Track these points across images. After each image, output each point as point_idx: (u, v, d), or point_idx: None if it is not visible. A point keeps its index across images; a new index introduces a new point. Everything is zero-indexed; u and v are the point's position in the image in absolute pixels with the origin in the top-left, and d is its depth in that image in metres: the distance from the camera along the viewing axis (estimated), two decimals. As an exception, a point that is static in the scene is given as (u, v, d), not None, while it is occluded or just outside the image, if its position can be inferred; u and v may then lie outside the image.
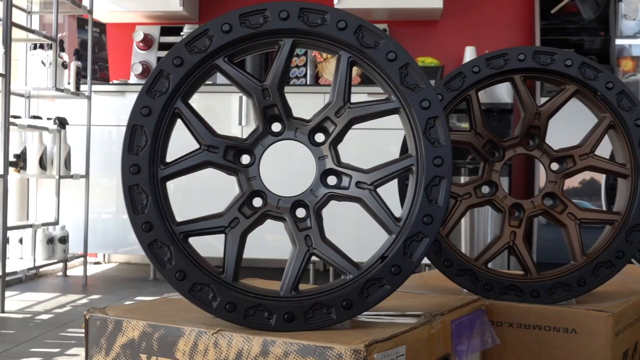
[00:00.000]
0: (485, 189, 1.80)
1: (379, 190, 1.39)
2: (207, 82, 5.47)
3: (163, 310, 1.47)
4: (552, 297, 1.69)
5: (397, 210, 1.40)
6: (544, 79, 1.77)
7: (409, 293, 1.76)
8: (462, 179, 5.43)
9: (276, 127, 1.41)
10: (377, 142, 4.68)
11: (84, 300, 3.97)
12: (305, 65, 6.05)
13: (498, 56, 1.76)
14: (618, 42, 5.62)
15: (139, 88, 1.57)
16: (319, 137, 1.41)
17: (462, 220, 5.49)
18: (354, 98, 1.37)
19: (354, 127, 1.39)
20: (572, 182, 5.29)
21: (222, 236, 1.38)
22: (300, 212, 1.40)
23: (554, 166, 1.78)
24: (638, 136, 1.71)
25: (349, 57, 1.38)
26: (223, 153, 1.37)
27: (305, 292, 1.35)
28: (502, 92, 5.39)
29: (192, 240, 1.36)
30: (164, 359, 1.32)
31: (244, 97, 4.48)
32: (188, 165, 1.37)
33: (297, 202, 1.40)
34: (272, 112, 1.39)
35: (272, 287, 1.39)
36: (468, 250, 5.40)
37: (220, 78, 4.65)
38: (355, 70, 4.42)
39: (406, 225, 1.35)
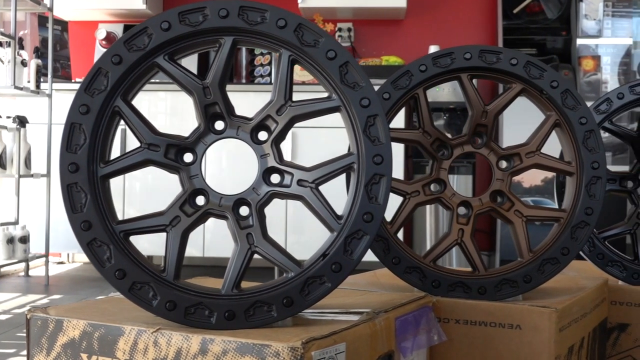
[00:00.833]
0: (434, 187, 1.81)
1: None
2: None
3: (106, 309, 1.46)
4: (498, 293, 1.70)
5: (340, 208, 1.40)
6: (491, 77, 1.79)
7: (358, 291, 1.76)
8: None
9: (219, 125, 1.41)
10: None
11: (45, 300, 3.94)
12: (269, 63, 6.05)
13: (444, 55, 1.77)
14: (579, 41, 5.66)
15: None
16: (261, 135, 1.41)
17: (427, 218, 5.57)
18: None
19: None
20: (534, 180, 5.33)
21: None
22: (244, 210, 1.40)
23: (502, 164, 1.80)
24: (582, 134, 1.73)
25: (289, 55, 1.38)
26: (164, 151, 1.37)
27: (246, 290, 1.35)
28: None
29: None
30: (104, 358, 1.32)
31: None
32: (128, 164, 1.36)
33: (239, 200, 1.39)
34: (214, 110, 1.39)
35: (217, 286, 1.39)
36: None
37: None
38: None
39: (347, 223, 1.35)
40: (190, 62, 5.54)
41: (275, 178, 1.40)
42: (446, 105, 5.47)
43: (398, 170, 5.12)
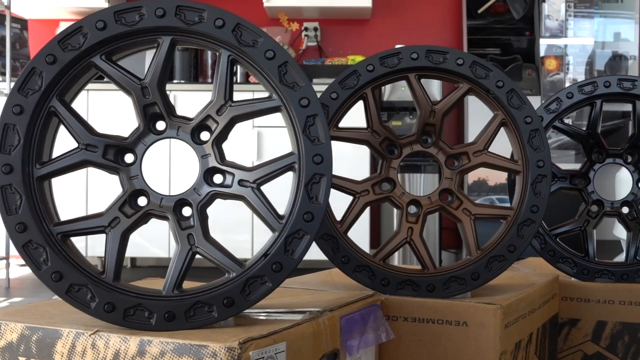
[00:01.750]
0: (384, 186, 1.81)
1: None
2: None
3: (47, 312, 1.45)
4: (447, 291, 1.71)
5: (282, 208, 1.40)
6: (438, 77, 1.79)
7: (308, 290, 1.76)
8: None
9: (160, 125, 1.40)
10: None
11: (5, 304, 3.91)
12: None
13: (392, 55, 1.77)
14: (542, 41, 5.70)
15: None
16: (202, 136, 1.40)
17: (395, 219, 5.58)
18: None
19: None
20: (499, 178, 5.36)
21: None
22: (187, 211, 1.39)
23: (450, 163, 1.80)
24: (527, 133, 1.74)
25: (229, 55, 1.38)
26: (102, 152, 1.36)
27: (187, 291, 1.35)
28: (434, 90, 5.43)
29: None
30: (43, 361, 1.31)
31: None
32: (65, 165, 1.35)
33: (181, 201, 1.39)
34: (153, 111, 1.38)
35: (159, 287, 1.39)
36: (400, 251, 5.44)
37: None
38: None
39: (288, 222, 1.35)
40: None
41: (216, 178, 1.40)
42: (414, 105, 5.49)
43: (364, 171, 5.14)
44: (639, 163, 2.17)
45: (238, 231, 5.10)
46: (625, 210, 2.16)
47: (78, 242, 4.42)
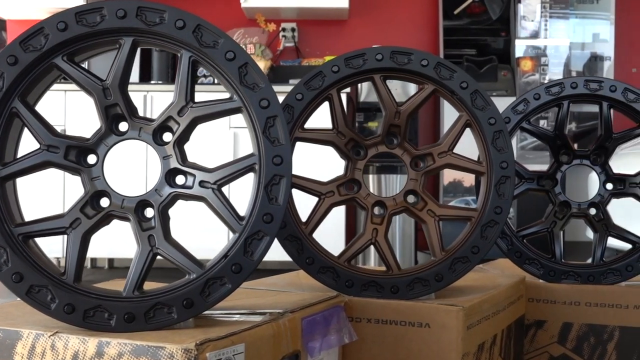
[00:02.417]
0: (350, 187, 1.82)
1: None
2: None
3: (10, 313, 1.45)
4: (410, 292, 1.72)
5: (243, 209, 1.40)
6: (403, 78, 1.80)
7: (272, 291, 1.77)
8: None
9: (122, 126, 1.41)
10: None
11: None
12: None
13: (357, 56, 1.78)
14: (518, 42, 5.73)
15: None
16: (163, 137, 1.41)
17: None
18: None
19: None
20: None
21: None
22: (149, 212, 1.40)
23: (415, 164, 1.81)
24: (491, 134, 1.75)
25: (190, 56, 1.38)
26: (64, 153, 1.36)
27: (147, 292, 1.35)
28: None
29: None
30: (3, 363, 1.31)
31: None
32: (27, 166, 1.35)
33: (142, 202, 1.39)
34: (115, 112, 1.39)
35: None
36: (375, 254, 5.45)
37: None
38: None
39: (248, 224, 1.36)
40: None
41: (177, 179, 1.40)
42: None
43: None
44: (605, 164, 2.19)
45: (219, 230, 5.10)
46: (592, 211, 2.18)
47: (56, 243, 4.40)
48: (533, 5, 5.67)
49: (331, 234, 4.88)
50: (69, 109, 4.92)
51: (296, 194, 1.74)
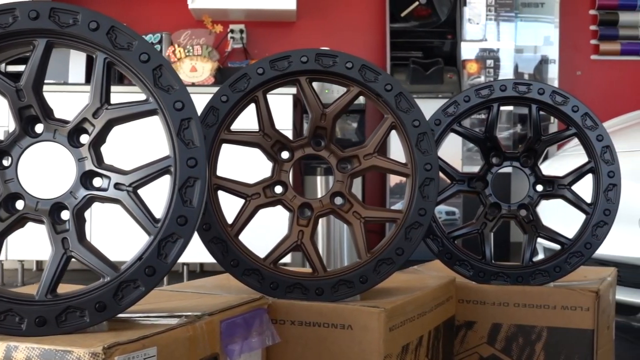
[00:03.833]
0: (276, 189, 1.82)
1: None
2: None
3: None
4: (335, 294, 1.72)
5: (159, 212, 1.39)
6: (329, 80, 1.80)
7: (196, 294, 1.76)
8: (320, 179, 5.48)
9: (38, 128, 1.39)
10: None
11: None
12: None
13: (282, 58, 1.78)
14: (464, 45, 5.78)
15: None
16: (79, 139, 1.39)
17: (319, 227, 5.59)
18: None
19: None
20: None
21: None
22: (65, 215, 1.38)
23: (341, 166, 1.81)
24: (415, 137, 1.76)
25: (104, 58, 1.37)
26: (-25, 155, 1.34)
27: (60, 295, 1.34)
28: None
29: None
30: None
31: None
32: (-64, 169, 1.33)
33: (57, 205, 1.38)
34: (29, 113, 1.37)
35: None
36: (324, 256, 5.46)
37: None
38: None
39: (162, 226, 1.35)
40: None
41: (92, 182, 1.39)
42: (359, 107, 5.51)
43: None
44: (535, 166, 2.21)
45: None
46: (522, 213, 2.20)
47: None
48: (478, 9, 5.73)
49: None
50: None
51: (224, 196, 1.75)
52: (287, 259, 5.00)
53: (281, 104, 5.23)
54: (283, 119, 5.21)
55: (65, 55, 5.97)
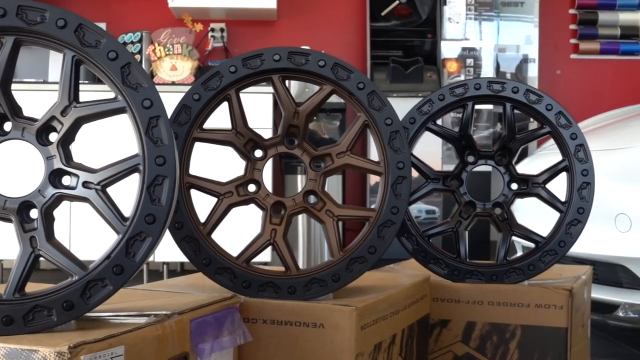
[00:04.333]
0: (249, 188, 1.81)
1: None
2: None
3: None
4: (308, 293, 1.72)
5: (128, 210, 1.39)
6: (301, 79, 1.80)
7: (168, 292, 1.75)
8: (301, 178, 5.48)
9: (7, 126, 1.38)
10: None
11: None
12: (139, 63, 5.97)
13: (254, 56, 1.78)
14: (444, 44, 5.79)
15: None
16: (48, 137, 1.39)
17: (300, 226, 5.59)
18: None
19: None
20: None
21: None
22: (33, 213, 1.38)
23: (314, 164, 1.81)
24: (388, 135, 1.76)
25: (73, 55, 1.37)
26: (-59, 153, 1.33)
27: (28, 294, 1.33)
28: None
29: None
30: None
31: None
32: None
33: (25, 203, 1.37)
34: (-4, 112, 1.36)
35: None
36: (305, 256, 5.46)
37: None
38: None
39: (130, 225, 1.34)
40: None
41: (61, 180, 1.38)
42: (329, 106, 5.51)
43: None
44: (509, 165, 2.22)
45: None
46: (497, 211, 2.20)
47: None
48: (458, 8, 5.74)
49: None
50: None
51: (197, 195, 1.74)
52: (268, 258, 5.01)
53: (261, 103, 5.23)
54: (263, 118, 5.21)
55: (45, 53, 5.95)
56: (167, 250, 1.62)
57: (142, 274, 5.42)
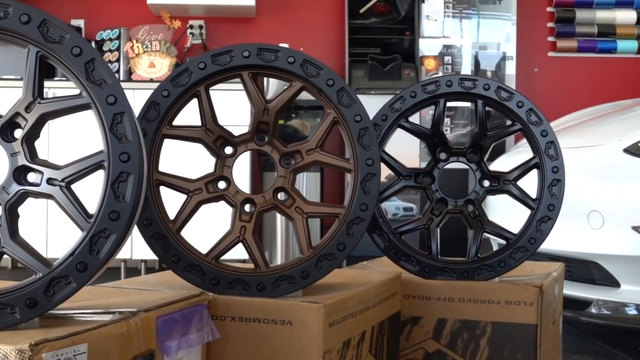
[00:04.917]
0: (219, 185, 1.81)
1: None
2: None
3: None
4: (277, 290, 1.72)
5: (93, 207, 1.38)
6: (271, 75, 1.80)
7: (137, 290, 1.75)
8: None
9: (-26, 124, 1.37)
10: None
11: None
12: (118, 60, 5.95)
13: (223, 53, 1.77)
14: (422, 42, 5.80)
15: None
16: (13, 133, 1.38)
17: (279, 224, 5.58)
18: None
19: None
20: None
21: None
22: (-1, 211, 1.37)
23: (284, 161, 1.81)
24: (357, 132, 1.76)
25: (37, 51, 1.36)
26: None
27: (-9, 292, 1.32)
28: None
29: None
30: None
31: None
32: None
33: (-12, 200, 1.36)
34: (-41, 108, 1.35)
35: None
36: (283, 253, 5.45)
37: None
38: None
39: (95, 222, 1.34)
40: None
41: (25, 177, 1.37)
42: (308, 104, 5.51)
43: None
44: (481, 162, 2.22)
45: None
46: (468, 208, 2.21)
47: None
48: (436, 5, 5.75)
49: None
50: None
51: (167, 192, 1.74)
52: (245, 255, 5.00)
53: (239, 100, 5.21)
54: (241, 115, 5.20)
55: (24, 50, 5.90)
56: (145, 248, 1.61)
57: (120, 271, 5.41)
